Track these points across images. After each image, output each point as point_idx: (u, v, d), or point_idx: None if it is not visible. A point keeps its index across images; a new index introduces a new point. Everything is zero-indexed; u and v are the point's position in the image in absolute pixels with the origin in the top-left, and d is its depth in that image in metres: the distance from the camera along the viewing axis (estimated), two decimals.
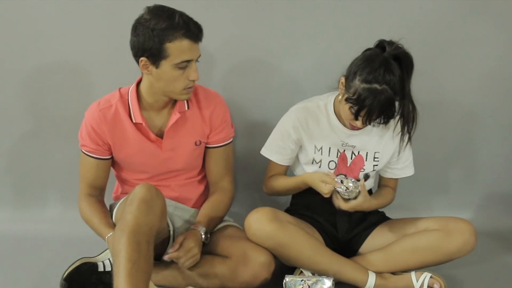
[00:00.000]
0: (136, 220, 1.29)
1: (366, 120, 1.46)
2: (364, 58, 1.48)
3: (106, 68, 1.91)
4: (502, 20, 1.94)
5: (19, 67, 1.91)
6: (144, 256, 1.26)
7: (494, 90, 2.04)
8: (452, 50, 1.96)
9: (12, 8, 1.83)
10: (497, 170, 2.16)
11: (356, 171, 1.67)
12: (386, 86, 1.41)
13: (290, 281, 1.49)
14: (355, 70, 1.47)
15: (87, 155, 1.60)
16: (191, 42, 1.41)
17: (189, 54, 1.42)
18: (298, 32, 1.91)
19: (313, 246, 1.56)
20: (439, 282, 1.57)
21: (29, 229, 1.97)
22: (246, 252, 1.49)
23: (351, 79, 1.47)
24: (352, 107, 1.46)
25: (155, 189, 1.38)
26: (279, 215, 1.57)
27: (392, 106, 1.44)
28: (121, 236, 1.27)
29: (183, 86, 1.47)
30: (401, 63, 1.45)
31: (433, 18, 1.91)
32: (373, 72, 1.42)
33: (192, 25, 1.41)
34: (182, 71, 1.44)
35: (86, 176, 1.63)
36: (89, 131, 1.57)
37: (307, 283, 1.48)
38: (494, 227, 2.08)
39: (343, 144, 1.64)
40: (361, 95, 1.42)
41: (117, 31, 1.82)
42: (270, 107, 1.95)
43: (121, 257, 1.24)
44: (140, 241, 1.26)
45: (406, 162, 1.71)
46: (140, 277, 1.24)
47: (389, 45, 1.47)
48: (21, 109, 1.96)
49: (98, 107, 1.57)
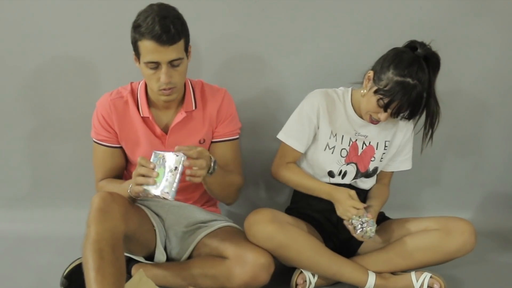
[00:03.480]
0: (95, 229, 1.31)
1: (395, 113, 1.51)
2: (397, 54, 1.53)
3: (106, 68, 1.91)
4: (502, 20, 1.95)
5: (19, 67, 1.91)
6: (108, 261, 1.28)
7: (494, 90, 2.04)
8: (452, 50, 1.96)
9: (12, 8, 1.83)
10: (497, 170, 2.17)
11: (367, 160, 1.69)
12: (417, 82, 1.47)
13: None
14: (388, 64, 1.52)
15: (101, 145, 1.63)
16: (156, 44, 1.40)
17: (154, 56, 1.42)
18: (298, 31, 1.91)
19: (313, 246, 1.56)
20: (439, 282, 1.57)
21: (29, 229, 1.97)
22: (246, 253, 1.48)
23: (383, 72, 1.52)
24: (382, 99, 1.50)
25: (109, 195, 1.39)
26: (278, 216, 1.57)
27: (421, 103, 1.50)
28: (85, 248, 1.30)
29: (157, 87, 1.48)
30: (428, 63, 1.51)
31: (433, 18, 1.91)
32: (408, 67, 1.48)
33: (159, 27, 1.38)
34: (153, 71, 1.45)
35: (102, 165, 1.66)
36: (100, 120, 1.61)
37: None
38: (494, 227, 2.09)
39: (356, 134, 1.67)
40: (393, 87, 1.48)
41: (117, 30, 1.82)
42: (270, 108, 1.95)
43: (86, 268, 1.28)
44: (102, 248, 1.29)
45: (407, 155, 1.74)
46: (108, 281, 1.26)
47: (421, 46, 1.54)
48: (21, 109, 1.96)
49: (109, 97, 1.61)
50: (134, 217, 1.47)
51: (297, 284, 1.61)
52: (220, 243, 1.56)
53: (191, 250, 1.60)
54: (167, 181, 1.33)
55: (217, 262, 1.52)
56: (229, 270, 1.48)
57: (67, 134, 1.98)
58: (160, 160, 1.36)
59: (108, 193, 1.40)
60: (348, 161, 1.68)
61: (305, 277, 1.60)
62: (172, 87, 1.48)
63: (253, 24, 1.90)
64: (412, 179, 2.06)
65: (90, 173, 2.02)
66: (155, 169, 1.35)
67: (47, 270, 1.70)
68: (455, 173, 2.16)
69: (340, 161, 1.68)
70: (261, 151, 1.72)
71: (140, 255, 1.58)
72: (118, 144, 1.64)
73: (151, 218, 1.58)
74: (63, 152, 2.00)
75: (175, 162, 1.33)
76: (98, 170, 1.67)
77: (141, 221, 1.53)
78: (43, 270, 1.71)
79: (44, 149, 2.01)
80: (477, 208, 2.17)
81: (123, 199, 1.43)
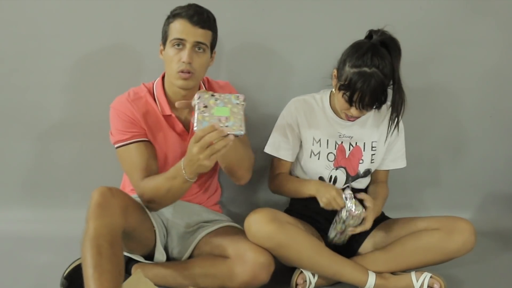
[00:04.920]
0: (93, 225, 1.29)
1: (359, 105, 1.49)
2: (352, 47, 1.54)
3: (107, 68, 1.91)
4: (502, 20, 1.95)
5: (19, 67, 1.91)
6: (107, 257, 1.26)
7: (494, 90, 2.05)
8: (452, 50, 1.96)
9: (12, 8, 1.83)
10: (497, 170, 2.17)
11: (355, 162, 1.68)
12: (375, 69, 1.45)
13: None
14: (345, 58, 1.52)
15: (132, 143, 1.55)
16: (188, 22, 1.47)
17: (181, 33, 1.47)
18: (297, 31, 1.91)
19: (313, 246, 1.56)
20: (439, 282, 1.57)
21: (29, 229, 1.97)
22: (246, 252, 1.49)
23: (342, 68, 1.52)
24: (345, 93, 1.50)
25: (109, 190, 1.37)
26: (278, 215, 1.57)
27: (383, 89, 1.47)
28: (84, 244, 1.29)
29: (176, 68, 1.49)
30: (388, 49, 1.49)
31: (433, 18, 1.91)
32: (362, 57, 1.47)
33: (193, 10, 1.48)
34: (176, 50, 1.48)
35: (136, 164, 1.54)
36: (124, 118, 1.56)
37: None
38: (494, 227, 2.09)
39: (340, 136, 1.66)
40: (352, 80, 1.47)
41: (117, 30, 1.82)
42: (269, 107, 1.95)
43: (85, 265, 1.26)
44: (100, 244, 1.27)
45: (398, 153, 1.73)
46: (105, 278, 1.24)
47: (375, 33, 1.53)
48: (21, 109, 1.96)
49: (128, 98, 1.58)
50: (134, 214, 1.45)
51: (297, 284, 1.61)
52: (221, 243, 1.56)
53: (192, 249, 1.60)
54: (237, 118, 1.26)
55: (217, 261, 1.52)
56: (229, 269, 1.48)
57: (67, 134, 1.98)
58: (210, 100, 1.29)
59: (108, 188, 1.38)
60: (337, 165, 1.68)
61: (305, 277, 1.60)
62: (191, 71, 1.49)
63: (254, 23, 1.90)
64: (412, 179, 2.06)
65: (90, 173, 2.02)
66: (209, 112, 1.26)
67: (47, 270, 1.70)
68: (455, 173, 2.16)
69: (329, 165, 1.68)
70: (260, 150, 1.72)
71: (140, 254, 1.58)
72: (147, 138, 1.58)
73: (151, 217, 1.58)
74: (63, 152, 2.00)
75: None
76: (133, 172, 1.54)
77: (142, 219, 1.51)
78: (43, 270, 1.71)
79: (44, 149, 2.00)
80: (477, 208, 2.17)
81: (124, 195, 1.42)
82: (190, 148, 1.27)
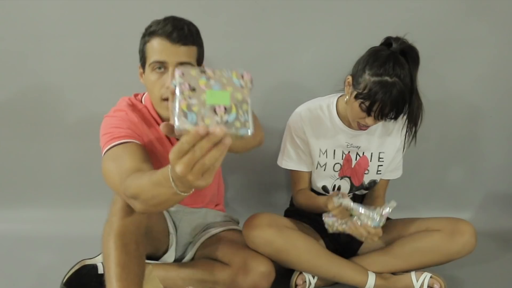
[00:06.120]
0: (121, 221, 1.22)
1: (379, 115, 1.43)
2: (371, 54, 1.47)
3: (107, 68, 1.91)
4: (502, 20, 1.94)
5: (19, 67, 1.91)
6: (133, 257, 1.21)
7: (494, 90, 2.04)
8: (452, 50, 1.96)
9: (12, 8, 1.83)
10: (497, 170, 2.17)
11: (360, 172, 1.67)
12: (397, 79, 1.39)
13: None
14: (363, 66, 1.45)
15: (127, 142, 1.31)
16: (166, 41, 1.28)
17: (161, 54, 1.28)
18: (298, 32, 1.90)
19: (312, 249, 1.56)
20: (439, 282, 1.57)
21: (29, 229, 1.97)
22: (247, 261, 1.46)
23: (360, 75, 1.45)
24: (364, 102, 1.44)
25: None
26: (277, 220, 1.56)
27: (404, 99, 1.42)
28: (108, 239, 1.22)
29: (160, 95, 1.33)
30: (407, 57, 1.44)
31: (433, 18, 1.91)
32: (383, 65, 1.40)
33: (171, 26, 1.28)
34: (158, 74, 1.31)
35: (129, 165, 1.22)
36: (124, 118, 1.38)
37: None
38: (494, 227, 2.09)
39: (347, 145, 1.63)
40: (372, 89, 1.40)
41: (118, 30, 1.82)
42: (268, 109, 1.95)
43: (110, 262, 1.20)
44: (127, 243, 1.21)
45: (398, 164, 1.72)
46: (131, 279, 1.20)
47: (395, 41, 1.46)
48: (21, 109, 1.96)
49: (128, 108, 1.42)
50: (155, 214, 1.42)
51: (297, 285, 1.61)
52: (222, 248, 1.54)
53: (194, 252, 1.60)
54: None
55: (218, 269, 1.49)
56: (230, 278, 1.46)
57: (67, 134, 1.97)
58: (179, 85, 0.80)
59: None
60: (342, 174, 1.66)
61: (304, 277, 1.60)
62: None
63: (254, 24, 1.90)
64: (412, 179, 2.06)
65: (90, 173, 2.02)
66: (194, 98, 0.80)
67: (47, 270, 1.71)
68: (455, 173, 2.16)
69: (333, 175, 1.67)
70: (260, 151, 1.71)
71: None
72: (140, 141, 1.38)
73: (169, 222, 1.56)
74: (63, 152, 2.00)
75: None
76: (122, 178, 1.18)
77: (160, 220, 1.49)
78: (43, 270, 1.71)
79: (44, 149, 2.01)
80: (477, 208, 2.17)
81: None
82: (172, 165, 0.80)
